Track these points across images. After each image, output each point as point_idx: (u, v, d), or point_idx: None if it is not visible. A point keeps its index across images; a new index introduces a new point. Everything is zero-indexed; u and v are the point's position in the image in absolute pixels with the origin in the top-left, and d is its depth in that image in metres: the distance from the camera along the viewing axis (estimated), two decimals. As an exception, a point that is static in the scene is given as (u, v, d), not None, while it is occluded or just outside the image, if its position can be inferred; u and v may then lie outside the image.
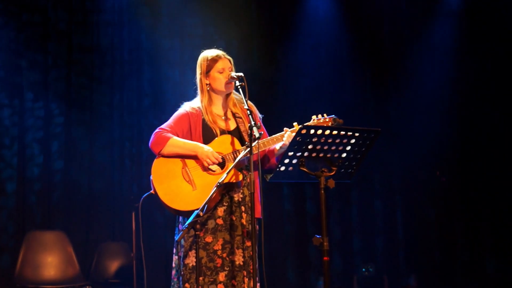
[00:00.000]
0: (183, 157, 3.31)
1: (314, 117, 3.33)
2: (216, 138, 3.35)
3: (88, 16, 5.99)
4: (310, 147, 2.74)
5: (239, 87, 3.25)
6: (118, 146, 6.01)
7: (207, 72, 3.44)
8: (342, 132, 2.73)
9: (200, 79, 3.46)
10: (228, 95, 3.49)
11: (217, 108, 3.49)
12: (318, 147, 2.75)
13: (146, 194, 3.36)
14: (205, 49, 3.48)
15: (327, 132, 2.71)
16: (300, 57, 6.57)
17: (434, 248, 6.39)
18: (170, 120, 3.43)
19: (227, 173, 3.10)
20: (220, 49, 3.49)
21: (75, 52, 5.88)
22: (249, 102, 3.42)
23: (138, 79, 6.11)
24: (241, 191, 3.33)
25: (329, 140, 2.74)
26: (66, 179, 5.83)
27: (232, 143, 3.31)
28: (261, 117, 3.54)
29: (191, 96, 3.50)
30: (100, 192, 5.87)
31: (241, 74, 3.27)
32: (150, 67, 6.15)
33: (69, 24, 5.89)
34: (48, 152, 5.81)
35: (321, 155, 2.78)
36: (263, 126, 3.51)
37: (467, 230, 6.37)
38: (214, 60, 3.43)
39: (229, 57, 3.48)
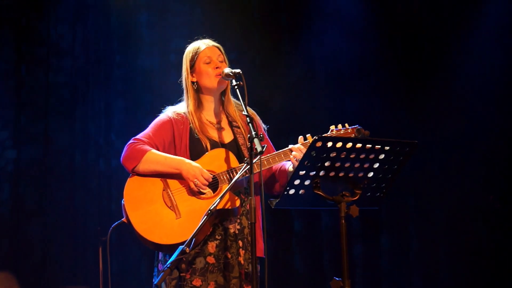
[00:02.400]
0: (164, 176, 3.30)
1: (332, 127, 3.33)
2: (207, 152, 3.33)
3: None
4: (327, 164, 2.72)
5: (236, 87, 3.25)
6: (82, 163, 6.00)
7: (192, 67, 3.46)
8: (369, 145, 2.72)
9: (186, 77, 3.47)
10: (224, 97, 3.50)
11: (209, 114, 3.48)
12: (338, 164, 2.74)
13: (116, 223, 3.35)
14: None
15: (349, 145, 2.70)
16: (314, 53, 6.57)
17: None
18: (149, 129, 3.42)
19: (221, 198, 3.08)
20: (206, 37, 3.52)
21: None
22: (249, 109, 3.42)
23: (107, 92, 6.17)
24: (238, 221, 3.31)
25: (352, 156, 2.73)
26: (16, 206, 5.81)
27: (227, 159, 3.30)
28: (265, 128, 3.54)
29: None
30: (58, 222, 5.84)
31: (238, 70, 3.28)
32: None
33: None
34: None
35: (341, 174, 2.77)
36: (268, 139, 3.51)
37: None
38: (197, 50, 3.46)
39: (216, 44, 3.50)
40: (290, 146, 3.32)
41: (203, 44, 3.48)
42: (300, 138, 3.35)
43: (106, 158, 6.08)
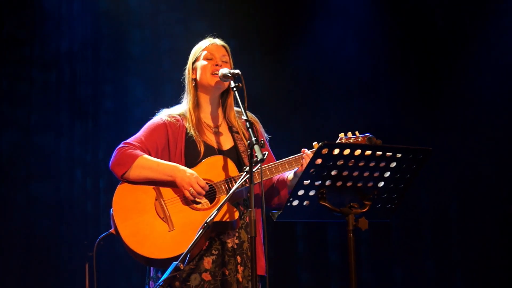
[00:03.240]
0: (156, 184, 3.29)
1: (341, 135, 3.34)
2: (205, 159, 3.33)
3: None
4: (334, 173, 2.71)
5: (234, 89, 3.23)
6: (66, 172, 5.99)
7: (193, 63, 3.49)
8: (379, 153, 2.71)
9: (187, 73, 3.51)
10: (224, 102, 3.50)
11: (206, 116, 3.49)
12: (345, 173, 2.73)
13: (103, 235, 3.33)
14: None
15: (358, 152, 2.68)
16: (320, 55, 6.57)
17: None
18: (140, 132, 3.42)
19: (218, 210, 3.06)
20: (217, 35, 3.55)
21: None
22: (251, 114, 3.43)
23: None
24: (237, 234, 3.30)
25: (361, 164, 2.72)
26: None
27: (226, 168, 3.30)
28: (268, 138, 3.55)
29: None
30: (41, 236, 5.83)
31: (237, 71, 3.28)
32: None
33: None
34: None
35: (349, 184, 2.76)
36: (269, 149, 3.51)
37: None
38: (202, 46, 3.50)
39: (224, 44, 3.52)
40: (297, 155, 3.31)
41: (209, 41, 3.52)
42: (303, 150, 3.35)
43: (94, 177, 6.06)
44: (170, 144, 3.38)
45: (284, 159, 3.33)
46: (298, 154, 3.33)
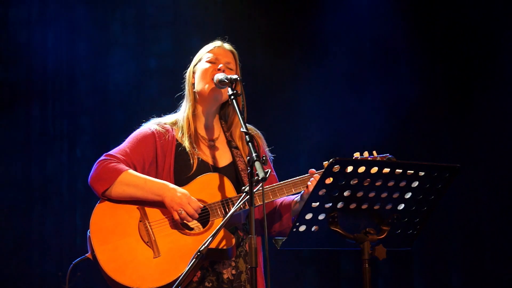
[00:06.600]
0: (141, 203, 3.29)
1: (356, 154, 3.35)
2: (199, 177, 3.33)
3: None
4: (347, 194, 2.72)
5: (232, 97, 3.22)
6: (36, 186, 6.01)
7: (195, 66, 3.52)
8: (399, 170, 2.71)
9: (188, 77, 3.53)
10: (227, 115, 3.54)
11: (200, 127, 3.51)
12: (360, 194, 2.73)
13: (78, 260, 3.33)
14: None
15: (375, 169, 2.69)
16: (330, 57, 6.60)
17: None
18: (125, 144, 3.42)
19: (214, 236, 3.02)
20: (227, 39, 3.58)
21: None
22: (253, 128, 3.45)
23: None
24: (234, 264, 3.31)
25: (378, 183, 2.72)
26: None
27: (222, 187, 3.30)
28: (271, 158, 3.56)
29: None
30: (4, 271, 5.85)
31: (235, 76, 3.29)
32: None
33: None
34: None
35: (364, 206, 2.76)
36: (272, 167, 3.52)
37: None
38: (207, 48, 3.52)
39: (232, 49, 3.54)
40: (305, 176, 3.33)
41: (216, 44, 3.54)
42: (311, 171, 3.36)
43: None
44: (159, 158, 3.39)
45: (288, 180, 3.33)
46: (305, 175, 3.33)
